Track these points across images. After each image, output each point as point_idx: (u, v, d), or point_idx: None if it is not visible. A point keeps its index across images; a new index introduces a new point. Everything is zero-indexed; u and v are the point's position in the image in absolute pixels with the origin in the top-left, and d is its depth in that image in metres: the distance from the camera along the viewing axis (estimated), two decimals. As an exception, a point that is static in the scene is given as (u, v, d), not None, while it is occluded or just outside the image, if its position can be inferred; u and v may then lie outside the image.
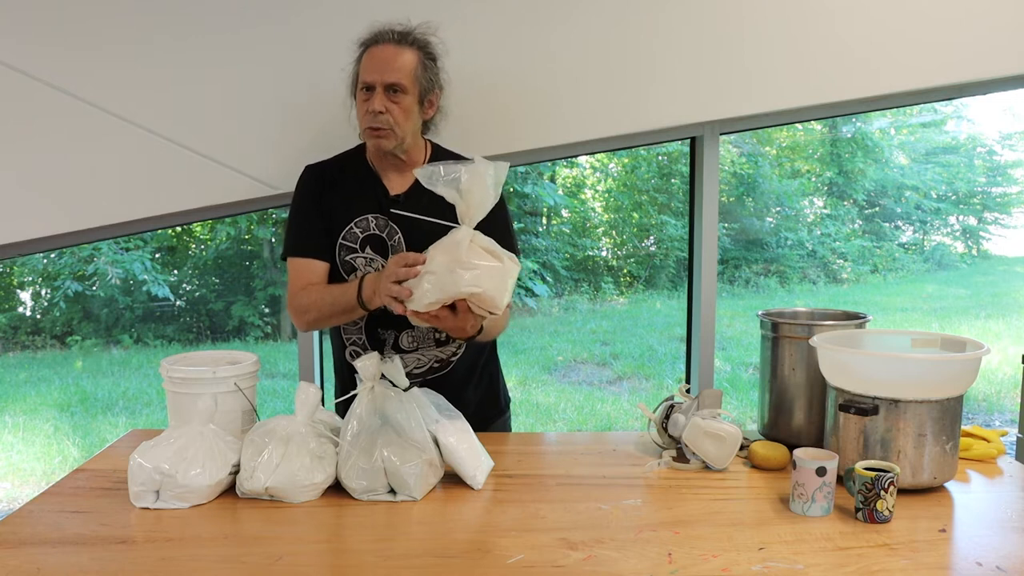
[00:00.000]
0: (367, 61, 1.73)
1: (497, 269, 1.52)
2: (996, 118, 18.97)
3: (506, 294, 1.54)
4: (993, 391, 6.59)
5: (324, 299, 1.73)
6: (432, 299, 1.50)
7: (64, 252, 8.26)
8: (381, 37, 1.74)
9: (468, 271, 1.48)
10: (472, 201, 1.52)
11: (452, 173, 1.51)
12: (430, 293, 1.50)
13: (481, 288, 1.49)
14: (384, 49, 1.72)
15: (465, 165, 1.52)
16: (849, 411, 1.51)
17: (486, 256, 1.52)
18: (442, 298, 1.50)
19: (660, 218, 11.71)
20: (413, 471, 1.48)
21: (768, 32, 2.16)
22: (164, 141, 2.10)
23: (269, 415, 1.60)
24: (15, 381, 7.11)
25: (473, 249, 1.51)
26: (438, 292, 1.49)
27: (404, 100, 1.72)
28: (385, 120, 1.71)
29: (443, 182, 1.52)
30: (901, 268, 13.46)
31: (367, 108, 1.71)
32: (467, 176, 1.51)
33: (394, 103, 1.72)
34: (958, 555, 1.29)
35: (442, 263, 1.49)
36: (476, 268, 1.49)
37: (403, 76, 1.71)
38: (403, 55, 1.72)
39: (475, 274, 1.48)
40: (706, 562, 1.24)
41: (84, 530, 1.37)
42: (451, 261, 1.49)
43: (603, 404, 6.38)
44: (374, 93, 1.71)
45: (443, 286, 1.49)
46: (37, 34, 2.02)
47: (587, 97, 2.18)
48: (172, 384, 1.65)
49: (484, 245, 1.53)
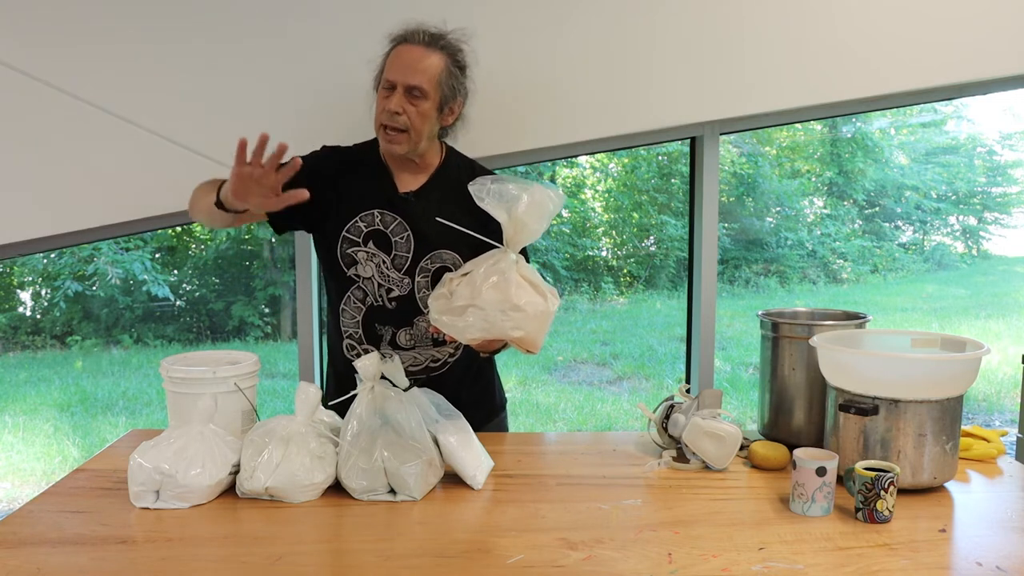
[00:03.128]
0: (394, 59, 1.71)
1: (542, 311, 1.49)
2: (996, 118, 18.96)
3: (544, 335, 1.53)
4: (993, 391, 6.59)
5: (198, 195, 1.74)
6: (475, 335, 1.49)
7: (64, 252, 8.25)
8: (412, 37, 1.71)
9: (516, 313, 1.46)
10: (522, 227, 1.49)
11: (509, 193, 1.48)
12: (473, 328, 1.48)
13: (524, 332, 1.48)
14: (412, 50, 1.69)
15: (524, 189, 1.48)
16: (849, 411, 1.51)
17: (532, 293, 1.50)
18: (485, 335, 1.49)
19: (660, 218, 11.71)
20: (413, 471, 1.48)
21: (768, 32, 2.16)
22: (164, 141, 2.10)
23: (269, 415, 1.60)
24: (15, 381, 7.11)
25: (521, 284, 1.49)
26: (481, 329, 1.48)
27: (423, 104, 1.70)
28: (402, 121, 1.69)
29: (495, 200, 1.49)
30: (901, 268, 13.46)
31: (385, 106, 1.70)
32: (526, 201, 1.48)
33: (412, 105, 1.70)
34: (958, 555, 1.29)
35: (491, 300, 1.46)
36: (523, 310, 1.47)
37: (426, 80, 1.69)
38: (430, 58, 1.69)
39: (521, 317, 1.47)
40: (706, 562, 1.24)
41: (84, 530, 1.37)
42: (500, 299, 1.46)
43: (603, 404, 6.38)
44: (394, 92, 1.69)
45: (489, 325, 1.47)
46: (37, 34, 2.03)
47: (587, 97, 2.18)
48: (172, 384, 1.65)
49: (529, 276, 1.51)
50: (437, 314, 1.52)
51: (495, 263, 1.50)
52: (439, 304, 1.52)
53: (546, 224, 1.51)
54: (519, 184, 1.49)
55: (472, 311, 1.47)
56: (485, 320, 1.47)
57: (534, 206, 1.48)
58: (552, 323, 1.55)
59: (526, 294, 1.48)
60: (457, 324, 1.49)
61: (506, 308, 1.46)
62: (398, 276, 1.78)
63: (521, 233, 1.50)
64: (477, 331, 1.48)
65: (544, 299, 1.51)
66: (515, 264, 1.50)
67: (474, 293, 1.47)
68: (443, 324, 1.51)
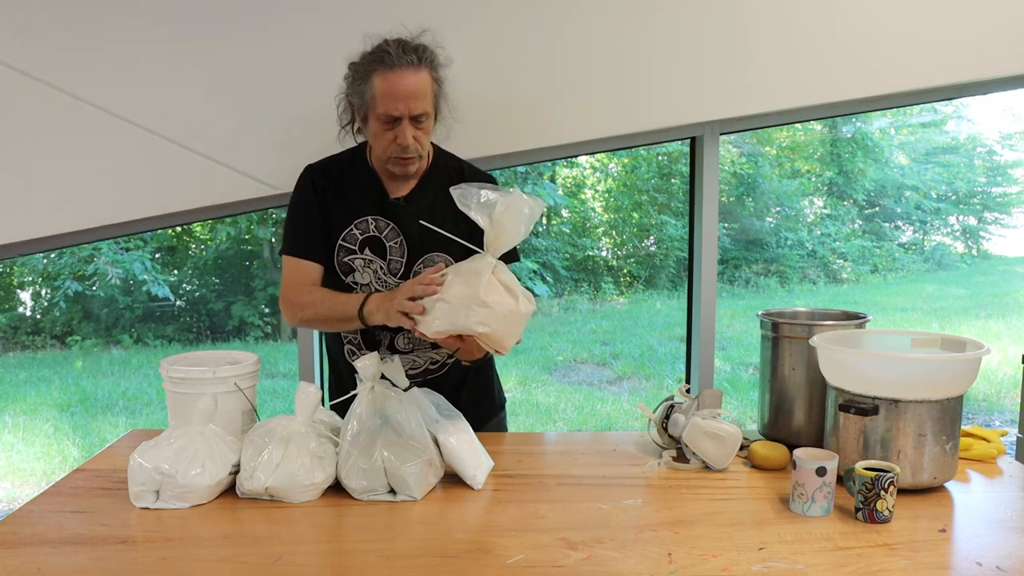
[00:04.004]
0: (387, 90, 1.63)
1: (511, 311, 1.49)
2: (996, 118, 18.97)
3: (515, 337, 1.52)
4: (993, 391, 6.59)
5: (324, 303, 1.72)
6: (440, 328, 1.49)
7: (64, 252, 8.25)
8: (396, 61, 1.63)
9: (481, 308, 1.46)
10: (502, 231, 1.50)
11: (488, 198, 1.49)
12: (439, 321, 1.48)
13: (490, 329, 1.47)
14: (404, 77, 1.63)
15: (503, 194, 1.49)
16: (849, 411, 1.51)
17: (503, 293, 1.50)
18: (450, 329, 1.49)
19: (660, 218, 11.71)
20: (413, 471, 1.48)
21: (768, 32, 2.16)
22: (164, 141, 2.10)
23: (269, 415, 1.60)
24: (15, 381, 7.11)
25: (492, 284, 1.49)
26: (447, 322, 1.48)
27: (427, 124, 1.71)
28: (415, 149, 1.70)
29: (477, 205, 1.49)
30: (901, 268, 13.46)
31: (395, 140, 1.67)
32: (503, 206, 1.49)
33: (420, 130, 1.69)
34: (958, 555, 1.29)
35: (458, 294, 1.47)
36: (490, 307, 1.46)
37: (427, 104, 1.68)
38: (422, 80, 1.66)
39: (487, 313, 1.46)
40: (706, 562, 1.24)
41: (84, 530, 1.37)
42: (468, 294, 1.47)
43: (603, 404, 6.37)
44: (400, 125, 1.66)
45: (454, 318, 1.47)
46: (37, 34, 2.02)
47: (587, 97, 2.18)
48: (172, 384, 1.65)
49: (504, 279, 1.51)
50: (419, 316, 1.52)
51: (471, 263, 1.52)
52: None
53: (525, 228, 1.51)
54: (498, 190, 1.50)
55: (439, 305, 1.48)
56: (451, 314, 1.47)
57: (512, 208, 1.49)
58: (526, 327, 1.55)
59: (495, 293, 1.49)
60: (424, 318, 1.49)
61: (472, 303, 1.46)
62: (395, 281, 1.78)
63: (501, 238, 1.50)
64: (442, 324, 1.48)
65: (515, 300, 1.51)
66: (491, 267, 1.50)
67: (443, 289, 1.49)
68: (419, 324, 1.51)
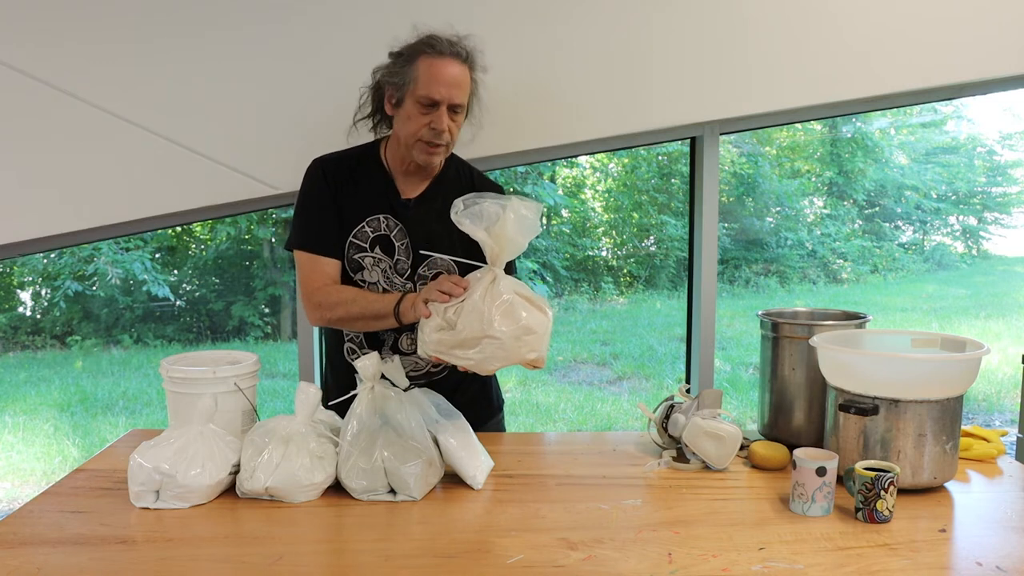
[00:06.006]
0: (433, 74, 1.65)
1: (548, 327, 1.50)
2: (996, 118, 18.99)
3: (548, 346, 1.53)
4: (993, 391, 6.59)
5: (357, 301, 1.70)
6: (497, 365, 1.48)
7: (64, 252, 8.26)
8: (445, 49, 1.67)
9: (530, 336, 1.46)
10: (506, 243, 1.49)
11: (488, 212, 1.47)
12: (494, 359, 1.46)
13: (539, 353, 1.48)
14: (451, 65, 1.66)
15: (501, 204, 1.48)
16: (849, 411, 1.51)
17: (534, 311, 1.49)
18: (505, 364, 1.48)
19: (660, 218, 11.71)
20: (413, 471, 1.48)
21: (768, 32, 2.16)
22: (164, 141, 2.10)
23: (269, 415, 1.60)
24: (15, 381, 7.11)
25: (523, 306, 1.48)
26: (502, 360, 1.46)
27: (460, 118, 1.72)
28: (445, 138, 1.70)
29: (473, 220, 1.48)
30: (901, 268, 13.46)
31: (431, 124, 1.67)
32: (500, 217, 1.47)
33: (454, 121, 1.71)
34: (958, 555, 1.29)
35: (505, 329, 1.45)
36: (535, 332, 1.47)
37: (465, 96, 1.71)
38: (465, 74, 1.69)
39: (535, 339, 1.47)
40: (706, 562, 1.24)
41: (84, 530, 1.37)
42: (514, 327, 1.45)
43: (603, 404, 6.37)
44: (438, 110, 1.67)
45: (507, 354, 1.46)
46: (37, 34, 2.03)
47: (587, 97, 2.18)
48: (172, 384, 1.65)
49: (522, 292, 1.51)
50: (446, 348, 1.48)
51: (490, 286, 1.48)
52: (443, 337, 1.48)
53: (526, 236, 1.50)
54: (497, 201, 1.48)
55: (487, 342, 1.45)
56: (502, 349, 1.45)
57: (516, 221, 1.48)
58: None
59: (530, 314, 1.48)
60: (473, 356, 1.46)
61: (520, 334, 1.45)
62: (401, 281, 1.78)
63: (506, 250, 1.50)
64: (498, 361, 1.46)
65: (544, 313, 1.51)
66: (513, 288, 1.50)
67: (485, 323, 1.45)
68: (456, 358, 1.48)
